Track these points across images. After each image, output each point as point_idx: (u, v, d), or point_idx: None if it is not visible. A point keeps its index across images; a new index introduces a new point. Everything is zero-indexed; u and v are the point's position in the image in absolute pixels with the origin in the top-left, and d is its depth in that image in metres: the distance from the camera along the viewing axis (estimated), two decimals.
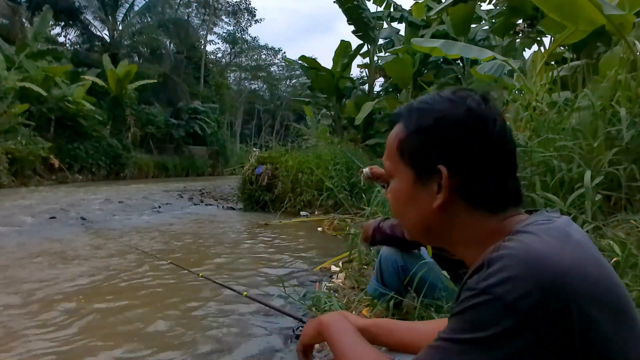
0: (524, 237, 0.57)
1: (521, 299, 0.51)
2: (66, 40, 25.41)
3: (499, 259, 0.55)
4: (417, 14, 9.34)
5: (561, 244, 0.56)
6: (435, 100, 0.68)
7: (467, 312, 0.55)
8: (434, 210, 0.66)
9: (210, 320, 2.44)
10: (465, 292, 0.57)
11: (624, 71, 2.58)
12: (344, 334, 0.79)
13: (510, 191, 0.66)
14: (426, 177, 0.67)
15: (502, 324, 0.52)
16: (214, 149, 26.46)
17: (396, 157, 0.71)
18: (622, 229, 1.95)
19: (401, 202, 0.72)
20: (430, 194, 0.66)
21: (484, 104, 0.66)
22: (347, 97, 11.04)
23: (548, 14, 3.38)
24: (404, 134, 0.69)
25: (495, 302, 0.52)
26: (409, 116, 0.70)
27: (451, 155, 0.65)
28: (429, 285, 1.86)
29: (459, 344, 0.55)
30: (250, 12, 37.49)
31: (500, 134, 0.65)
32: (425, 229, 0.70)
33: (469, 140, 0.64)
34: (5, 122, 12.29)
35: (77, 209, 7.13)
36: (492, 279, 0.54)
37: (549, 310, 0.51)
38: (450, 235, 0.69)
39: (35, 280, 3.16)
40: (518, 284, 0.52)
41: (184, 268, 2.31)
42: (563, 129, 2.65)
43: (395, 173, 0.72)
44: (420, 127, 0.67)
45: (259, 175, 7.78)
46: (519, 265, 0.53)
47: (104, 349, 2.02)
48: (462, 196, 0.65)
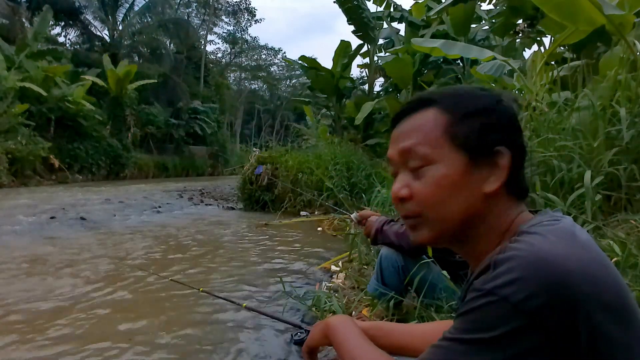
0: (530, 238, 0.57)
1: (527, 300, 0.51)
2: (66, 40, 25.45)
3: (505, 260, 0.55)
4: (417, 14, 9.33)
5: (567, 245, 0.56)
6: (470, 89, 0.71)
7: (473, 312, 0.55)
8: (482, 195, 0.65)
9: (210, 328, 2.43)
10: (471, 292, 0.57)
11: (624, 71, 2.58)
12: (351, 336, 0.79)
13: (526, 181, 0.70)
14: (481, 160, 0.66)
15: (509, 325, 0.52)
16: (214, 149, 26.46)
17: (440, 141, 0.67)
18: (622, 229, 1.95)
19: (446, 188, 0.66)
20: (482, 178, 0.65)
21: (512, 100, 0.70)
22: (347, 97, 11.04)
23: (548, 14, 3.38)
24: (452, 118, 0.67)
25: (502, 303, 0.53)
26: (455, 100, 0.68)
27: (508, 137, 0.66)
28: (429, 285, 1.86)
29: (465, 344, 0.56)
30: (250, 12, 37.52)
31: (521, 127, 0.70)
32: (467, 218, 0.67)
33: (517, 125, 0.69)
34: (5, 122, 12.29)
35: (77, 209, 7.13)
36: (498, 280, 0.54)
37: (555, 312, 0.52)
38: (483, 226, 0.67)
39: (19, 291, 3.15)
40: (524, 285, 0.52)
41: (185, 284, 2.34)
42: (563, 129, 2.65)
43: (439, 159, 0.67)
44: (476, 109, 0.67)
45: (259, 175, 7.79)
46: (526, 267, 0.53)
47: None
48: (506, 181, 0.66)
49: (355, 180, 7.21)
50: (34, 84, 13.77)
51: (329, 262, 3.68)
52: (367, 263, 3.20)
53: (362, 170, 7.37)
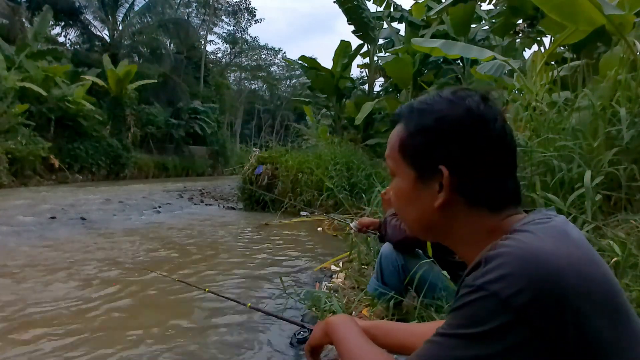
0: (521, 236, 0.58)
1: (516, 296, 0.52)
2: (66, 40, 25.42)
3: (495, 257, 0.56)
4: (417, 14, 9.33)
5: (557, 242, 0.57)
6: (435, 100, 0.69)
7: (464, 308, 0.56)
8: (435, 209, 0.67)
9: (216, 329, 2.44)
10: (462, 288, 0.58)
11: (624, 71, 2.57)
12: (351, 335, 0.79)
13: (510, 191, 0.67)
14: (427, 177, 0.67)
15: (498, 320, 0.53)
16: (214, 149, 26.44)
17: (398, 156, 0.71)
18: (622, 229, 1.95)
19: (403, 200, 0.72)
20: (432, 193, 0.67)
21: (484, 103, 0.66)
22: (347, 97, 11.04)
23: (548, 14, 3.38)
24: (405, 134, 0.70)
25: (491, 298, 0.53)
26: (410, 116, 0.70)
27: (451, 155, 0.65)
28: (429, 285, 1.86)
29: (455, 339, 0.56)
30: (250, 12, 37.51)
31: (500, 134, 0.66)
32: (426, 227, 0.71)
33: (469, 140, 0.65)
34: (5, 122, 12.28)
35: (77, 209, 7.13)
36: (488, 275, 0.55)
37: (543, 307, 0.52)
38: (451, 234, 0.70)
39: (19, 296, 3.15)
40: (513, 280, 0.53)
41: (190, 284, 2.35)
42: (563, 129, 2.65)
43: (398, 172, 0.72)
44: (421, 127, 0.68)
45: (259, 175, 7.79)
46: (515, 263, 0.54)
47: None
48: (462, 195, 0.66)
49: (355, 180, 7.20)
50: (34, 84, 13.76)
51: (329, 262, 3.68)
52: (367, 263, 3.20)
53: (362, 170, 7.37)
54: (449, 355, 0.57)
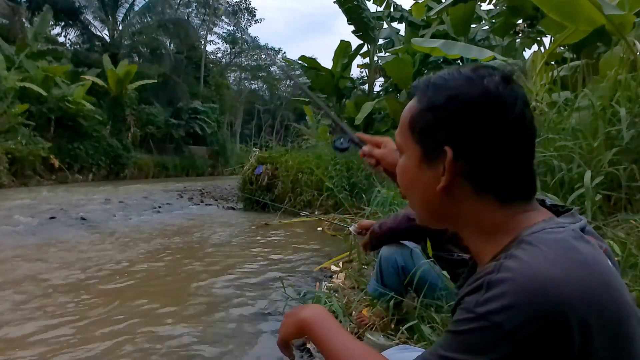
0: (527, 254, 0.53)
1: (521, 328, 0.49)
2: (66, 40, 25.42)
3: (498, 283, 0.52)
4: (417, 14, 9.34)
5: (567, 265, 0.52)
6: (453, 76, 0.63)
7: (464, 334, 0.53)
8: (437, 192, 0.63)
9: (213, 325, 2.43)
10: (462, 311, 0.55)
11: (624, 71, 2.57)
12: (332, 331, 0.73)
13: (522, 181, 0.62)
14: (433, 157, 0.63)
15: (500, 351, 0.50)
16: (214, 149, 26.44)
17: (407, 132, 0.67)
18: (622, 229, 1.95)
19: (407, 179, 0.68)
20: (435, 175, 0.62)
21: (505, 84, 0.60)
22: (347, 97, 11.04)
23: (548, 14, 3.38)
24: (417, 110, 0.65)
25: (494, 330, 0.51)
26: (424, 91, 0.65)
27: (459, 136, 0.60)
28: (429, 286, 1.85)
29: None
30: (250, 12, 37.52)
31: (518, 118, 0.60)
32: (431, 211, 0.67)
33: (480, 122, 0.59)
34: (5, 122, 12.27)
35: (77, 209, 7.13)
36: (490, 304, 0.51)
37: (549, 340, 0.49)
38: (455, 220, 0.65)
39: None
40: (518, 312, 0.50)
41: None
42: (563, 129, 2.65)
43: (405, 149, 0.68)
44: (432, 104, 0.63)
45: (259, 175, 7.78)
46: (520, 292, 0.50)
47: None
48: (468, 180, 0.61)
49: (355, 181, 7.20)
50: (34, 84, 13.76)
51: (329, 262, 3.68)
52: (367, 263, 3.20)
53: (362, 170, 7.36)
54: None
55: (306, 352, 1.96)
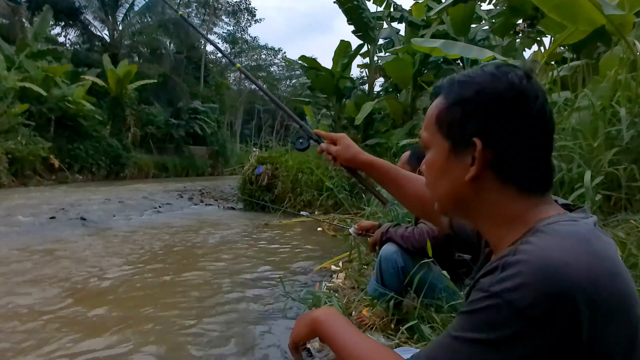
0: (542, 240, 0.57)
1: (532, 307, 0.52)
2: (66, 40, 25.40)
3: (513, 264, 0.55)
4: (417, 14, 9.33)
5: (578, 253, 0.55)
6: (478, 73, 0.68)
7: (479, 312, 0.56)
8: (466, 182, 0.67)
9: (213, 326, 2.43)
10: (477, 292, 0.57)
11: (624, 71, 2.57)
12: (343, 330, 0.75)
13: (542, 172, 0.66)
14: (461, 149, 0.67)
15: (512, 328, 0.53)
16: (214, 149, 26.43)
17: (434, 128, 0.71)
18: (622, 229, 1.95)
19: (435, 172, 0.72)
20: (464, 166, 0.66)
21: (527, 79, 0.64)
22: (347, 97, 11.02)
23: (548, 14, 3.38)
24: (444, 105, 0.69)
25: (507, 307, 0.53)
26: (450, 88, 0.69)
27: (487, 128, 0.64)
28: (429, 286, 1.85)
29: (468, 344, 0.56)
30: (250, 12, 37.50)
31: (539, 111, 0.64)
32: (456, 201, 0.71)
33: (507, 114, 0.63)
34: (5, 122, 12.27)
35: (77, 209, 7.13)
36: (505, 283, 0.54)
37: (559, 320, 0.52)
38: (478, 210, 0.69)
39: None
40: (530, 291, 0.52)
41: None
42: (563, 129, 2.65)
43: (432, 144, 0.72)
44: (460, 98, 0.67)
45: (259, 175, 7.78)
46: (533, 273, 0.53)
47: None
48: (494, 170, 0.65)
49: (355, 181, 7.19)
50: (34, 84, 13.75)
51: (329, 262, 3.69)
52: (367, 263, 3.20)
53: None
54: (461, 359, 0.56)
55: (306, 352, 1.96)
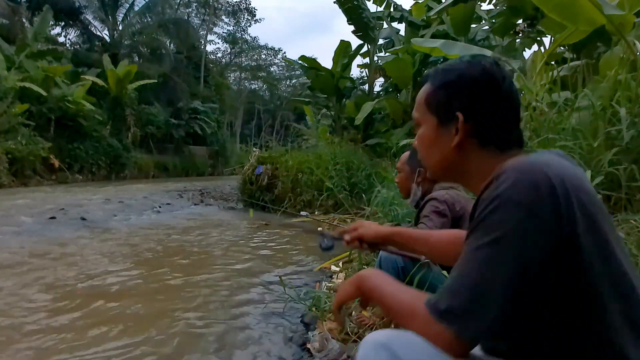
0: (520, 158, 0.75)
1: (525, 197, 0.66)
2: (66, 40, 25.38)
3: (503, 172, 0.70)
4: (417, 14, 9.32)
5: (554, 160, 0.72)
6: (457, 62, 0.87)
7: (488, 217, 0.69)
8: (452, 148, 0.84)
9: (212, 326, 2.44)
10: (480, 204, 0.71)
11: (624, 71, 2.57)
12: (387, 283, 0.85)
13: (515, 136, 0.83)
14: (446, 123, 0.84)
15: (515, 218, 0.66)
16: (214, 149, 26.43)
17: (423, 108, 0.89)
18: (622, 229, 1.95)
19: (426, 144, 0.90)
20: (450, 136, 0.84)
21: (496, 66, 0.83)
22: (347, 97, 11.02)
23: (548, 14, 3.38)
24: (431, 89, 0.87)
25: (508, 202, 0.67)
26: (436, 75, 0.88)
27: (468, 104, 0.82)
28: (429, 286, 1.85)
29: (486, 248, 0.68)
30: (250, 12, 37.50)
31: (508, 90, 0.82)
32: (446, 166, 0.88)
33: (482, 92, 0.82)
34: (5, 122, 12.27)
35: (77, 209, 7.13)
36: (501, 187, 0.68)
37: (547, 208, 0.65)
38: (465, 170, 0.86)
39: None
40: (523, 185, 0.67)
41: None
42: (563, 129, 2.65)
43: (422, 121, 0.90)
44: (444, 82, 0.85)
45: (259, 175, 7.78)
46: (522, 172, 0.69)
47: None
48: (475, 137, 0.82)
49: (355, 180, 7.20)
50: (34, 84, 13.75)
51: (329, 262, 3.69)
52: (367, 263, 3.20)
53: (362, 170, 7.36)
54: (486, 263, 0.68)
55: (306, 352, 1.96)
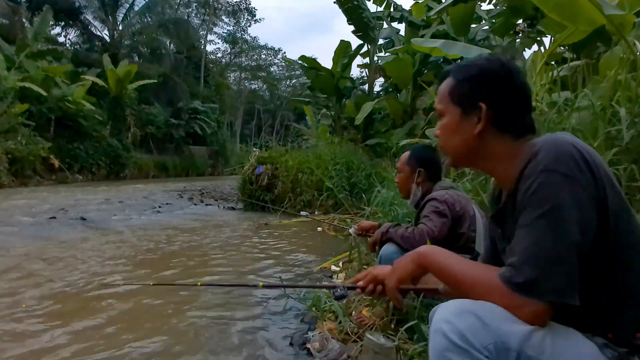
0: (548, 138, 0.85)
1: (568, 169, 0.78)
2: (66, 40, 25.40)
3: (541, 149, 0.82)
4: (417, 14, 9.32)
5: (570, 137, 0.84)
6: (477, 59, 0.98)
7: (537, 191, 0.79)
8: (474, 135, 0.95)
9: (212, 326, 2.43)
10: (525, 181, 0.82)
11: (624, 71, 2.57)
12: (453, 259, 0.92)
13: (528, 124, 0.95)
14: (469, 112, 0.95)
15: (566, 188, 0.78)
16: (214, 149, 26.43)
17: (447, 99, 1.00)
18: None
19: (449, 132, 1.00)
20: (472, 124, 0.95)
21: (511, 61, 0.95)
22: (347, 97, 11.02)
23: (548, 14, 3.37)
24: (454, 83, 0.99)
25: (554, 174, 0.78)
26: (458, 70, 1.00)
27: (489, 95, 0.93)
28: None
29: (543, 218, 0.78)
30: (250, 12, 37.50)
31: (522, 82, 0.95)
32: (466, 150, 0.98)
33: (501, 84, 0.93)
34: (5, 122, 12.27)
35: (77, 209, 7.13)
36: (543, 162, 0.80)
37: (584, 168, 0.79)
38: (484, 155, 0.96)
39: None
40: (563, 158, 0.79)
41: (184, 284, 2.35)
42: (563, 129, 2.64)
43: (446, 112, 1.00)
44: (468, 76, 0.97)
45: (259, 175, 7.78)
46: (555, 148, 0.81)
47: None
48: (494, 125, 0.94)
49: (355, 180, 7.20)
50: (34, 84, 13.75)
51: (329, 262, 3.68)
52: (367, 263, 3.20)
53: (362, 170, 7.36)
54: (550, 230, 0.77)
55: (306, 352, 1.96)
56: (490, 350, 0.78)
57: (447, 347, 0.79)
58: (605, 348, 0.81)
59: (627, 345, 0.81)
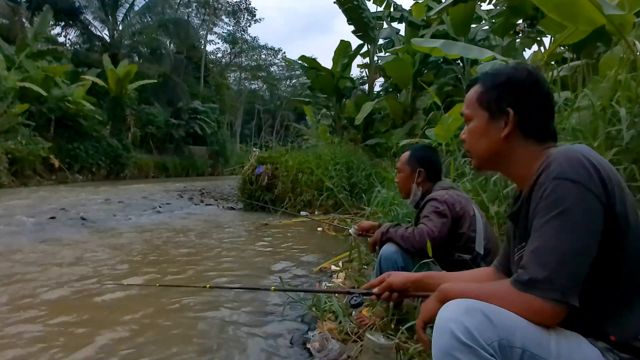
0: (561, 149, 0.90)
1: (578, 176, 0.83)
2: (66, 40, 25.37)
3: (553, 160, 0.87)
4: (417, 14, 9.32)
5: (584, 148, 0.88)
6: (505, 67, 1.05)
7: (550, 196, 0.84)
8: (501, 139, 1.00)
9: (212, 326, 2.43)
10: (539, 189, 0.86)
11: (624, 71, 2.57)
12: (469, 287, 0.96)
13: (551, 130, 1.01)
14: (497, 117, 1.01)
15: (576, 193, 0.82)
16: (214, 149, 26.42)
17: (475, 105, 1.05)
18: None
19: (476, 136, 1.05)
20: (499, 128, 1.01)
21: (537, 71, 1.01)
22: (347, 97, 11.02)
23: (548, 14, 3.37)
24: (482, 89, 1.05)
25: (566, 181, 0.83)
26: (486, 77, 1.05)
27: (516, 101, 0.99)
28: None
29: (553, 220, 0.82)
30: (250, 12, 37.49)
31: (547, 90, 1.01)
32: (492, 155, 1.03)
33: (528, 92, 0.99)
34: (5, 122, 12.26)
35: (77, 209, 7.13)
36: (557, 169, 0.85)
37: (593, 182, 0.83)
38: (509, 158, 1.01)
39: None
40: (575, 167, 0.84)
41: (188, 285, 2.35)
42: (563, 129, 2.64)
43: (474, 117, 1.06)
44: (496, 83, 1.02)
45: (259, 175, 7.78)
46: (568, 158, 0.86)
47: None
48: (520, 129, 0.99)
49: (355, 180, 7.20)
50: (34, 84, 13.74)
51: (329, 262, 3.69)
52: (367, 263, 3.20)
53: (362, 170, 7.36)
54: (559, 231, 0.81)
55: (306, 352, 1.96)
56: (495, 348, 0.80)
57: (453, 346, 0.80)
58: (608, 352, 0.83)
59: (629, 350, 0.83)
